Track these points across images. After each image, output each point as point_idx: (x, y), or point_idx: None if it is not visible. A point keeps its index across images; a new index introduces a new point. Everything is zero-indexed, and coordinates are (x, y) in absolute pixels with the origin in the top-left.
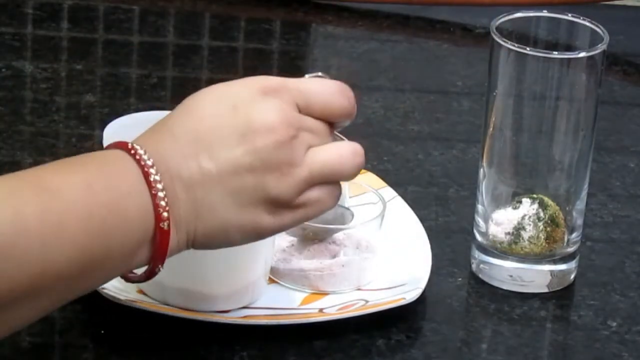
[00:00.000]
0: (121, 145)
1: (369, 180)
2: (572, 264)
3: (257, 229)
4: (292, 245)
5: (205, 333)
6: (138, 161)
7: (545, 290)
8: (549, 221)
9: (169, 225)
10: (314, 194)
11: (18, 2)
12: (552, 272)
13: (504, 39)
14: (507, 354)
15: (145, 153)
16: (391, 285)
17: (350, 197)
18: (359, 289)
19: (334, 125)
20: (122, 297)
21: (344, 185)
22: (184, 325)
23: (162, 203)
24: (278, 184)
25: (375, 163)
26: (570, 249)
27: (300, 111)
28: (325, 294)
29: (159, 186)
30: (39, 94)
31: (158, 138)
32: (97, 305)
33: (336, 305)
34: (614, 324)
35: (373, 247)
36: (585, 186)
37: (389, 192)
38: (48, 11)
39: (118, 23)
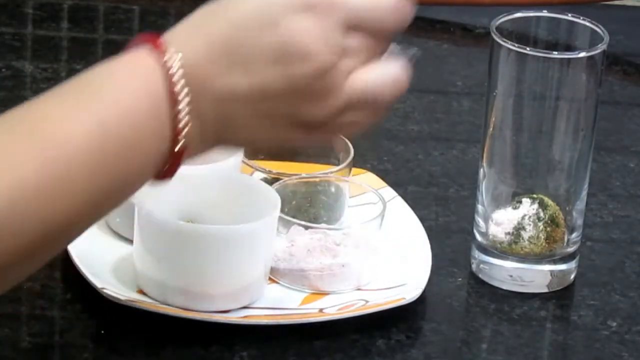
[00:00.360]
0: (151, 42)
1: (369, 180)
2: (572, 264)
3: (283, 143)
4: (292, 245)
5: (205, 333)
6: (166, 69)
7: (545, 290)
8: (549, 221)
9: (185, 145)
10: (350, 117)
11: (18, 2)
12: (552, 272)
13: (504, 39)
14: (507, 354)
15: (176, 60)
16: (391, 285)
17: (350, 197)
18: (359, 289)
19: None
20: (122, 297)
21: (345, 185)
22: (184, 325)
23: (181, 125)
24: (311, 111)
25: (375, 163)
26: (570, 249)
27: (348, 30)
28: (325, 294)
29: (185, 101)
30: (39, 94)
31: (192, 41)
32: (97, 305)
33: (336, 305)
34: (614, 324)
35: (373, 247)
36: (585, 186)
37: (389, 192)
38: (48, 11)
39: (118, 23)
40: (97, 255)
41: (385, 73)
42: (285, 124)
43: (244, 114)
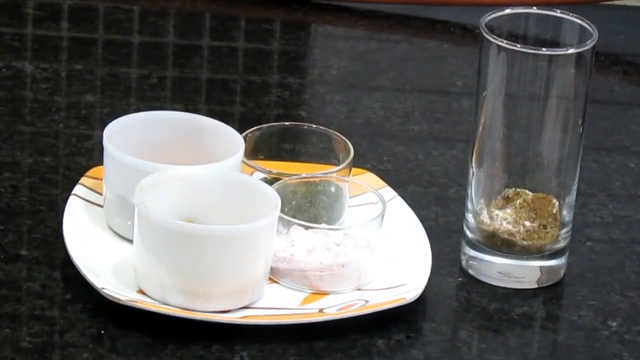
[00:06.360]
0: None
1: (369, 180)
2: (562, 260)
3: None
4: (292, 245)
5: (205, 333)
6: None
7: (535, 286)
8: (539, 217)
9: None
10: None
11: (18, 2)
12: (541, 268)
13: (494, 36)
14: (507, 354)
15: None
16: (391, 285)
17: (350, 197)
18: (359, 289)
19: None
20: (122, 297)
21: (345, 185)
22: (184, 325)
23: None
24: None
25: (375, 163)
26: (560, 245)
27: None
28: (325, 294)
29: None
30: (39, 94)
31: None
32: (97, 305)
33: (336, 305)
34: (614, 324)
35: (373, 247)
36: (575, 182)
37: (389, 192)
38: (48, 11)
39: (118, 23)
40: (97, 255)
41: None
42: None
43: None
